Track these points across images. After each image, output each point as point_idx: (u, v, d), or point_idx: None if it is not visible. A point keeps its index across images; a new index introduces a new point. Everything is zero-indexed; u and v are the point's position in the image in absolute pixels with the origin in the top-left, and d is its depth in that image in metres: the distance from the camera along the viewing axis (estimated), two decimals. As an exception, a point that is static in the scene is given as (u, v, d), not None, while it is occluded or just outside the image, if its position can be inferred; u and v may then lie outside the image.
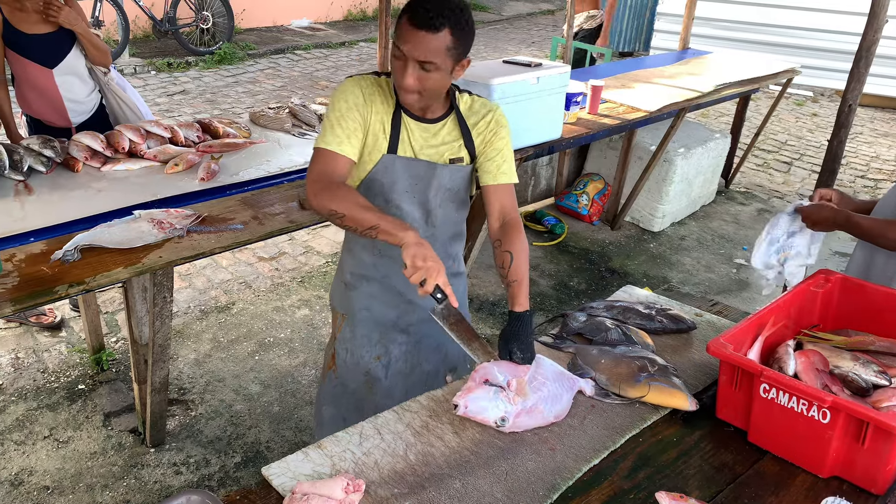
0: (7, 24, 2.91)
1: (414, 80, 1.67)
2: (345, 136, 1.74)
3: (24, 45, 2.95)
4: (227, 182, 2.70)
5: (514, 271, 1.78)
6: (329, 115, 1.76)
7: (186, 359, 3.38)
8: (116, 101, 3.24)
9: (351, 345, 2.04)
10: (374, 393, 2.05)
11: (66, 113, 3.14)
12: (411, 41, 1.63)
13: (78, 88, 3.14)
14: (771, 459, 1.53)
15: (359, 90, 1.77)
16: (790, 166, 6.52)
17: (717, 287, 4.35)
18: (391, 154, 1.80)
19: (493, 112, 1.88)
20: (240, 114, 6.79)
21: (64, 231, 2.29)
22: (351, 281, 2.01)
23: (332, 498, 1.32)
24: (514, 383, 1.60)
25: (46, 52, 3.00)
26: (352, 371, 2.06)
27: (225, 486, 2.67)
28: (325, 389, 2.13)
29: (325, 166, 1.72)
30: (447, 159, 1.84)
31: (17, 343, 3.40)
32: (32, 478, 2.65)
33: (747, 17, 8.93)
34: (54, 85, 3.06)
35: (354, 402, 2.07)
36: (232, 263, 4.24)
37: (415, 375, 2.07)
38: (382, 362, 2.04)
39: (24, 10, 2.91)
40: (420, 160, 1.83)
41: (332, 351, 2.09)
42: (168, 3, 8.51)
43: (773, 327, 1.73)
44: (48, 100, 3.09)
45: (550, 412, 1.60)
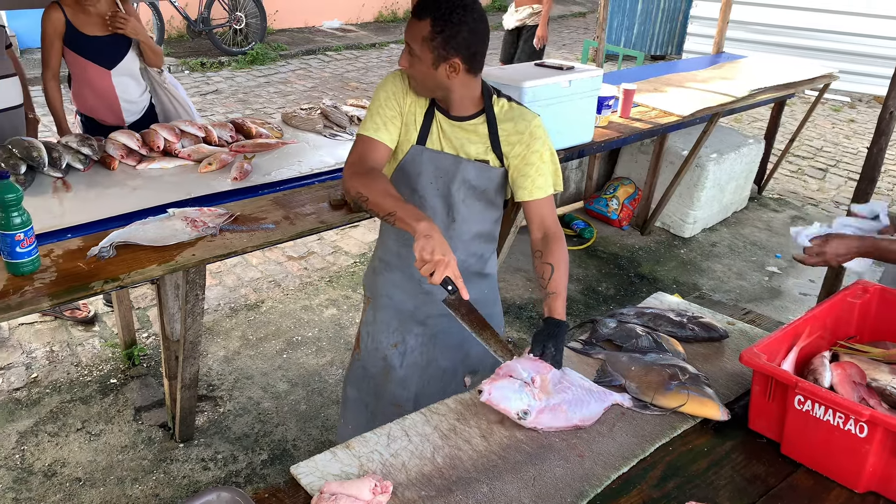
0: (69, 26, 3.03)
1: (405, 61, 1.79)
2: (382, 123, 1.84)
3: (84, 46, 3.07)
4: (259, 182, 2.73)
5: (553, 283, 1.79)
6: (371, 105, 1.88)
7: (216, 355, 3.42)
8: (169, 100, 3.36)
9: (372, 328, 2.11)
10: (389, 380, 2.09)
11: (120, 112, 3.25)
12: (408, 23, 1.77)
13: (132, 89, 3.26)
14: (805, 473, 1.50)
15: (400, 82, 1.86)
16: (825, 173, 6.40)
17: (748, 295, 4.29)
18: (419, 145, 1.87)
19: (528, 124, 1.85)
20: (271, 114, 6.86)
21: (100, 228, 2.33)
22: (378, 266, 2.09)
23: (360, 499, 1.32)
24: (538, 379, 1.60)
25: (105, 54, 3.12)
26: (372, 355, 2.12)
27: (252, 482, 2.69)
28: (351, 370, 2.21)
29: (363, 151, 1.83)
30: (472, 157, 1.87)
31: (52, 336, 3.47)
32: (65, 469, 2.70)
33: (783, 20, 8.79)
34: (111, 85, 3.17)
35: (374, 386, 2.13)
36: (262, 262, 4.29)
37: (431, 370, 2.09)
38: (399, 350, 2.08)
39: (86, 13, 3.03)
40: (446, 153, 1.88)
41: (358, 333, 2.18)
42: (202, 4, 8.64)
43: (809, 338, 1.70)
44: (104, 99, 3.20)
45: (575, 415, 1.59)
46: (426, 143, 1.87)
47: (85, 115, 3.29)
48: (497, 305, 2.16)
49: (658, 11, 10.10)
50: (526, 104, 2.96)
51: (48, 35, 3.04)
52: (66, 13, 3.02)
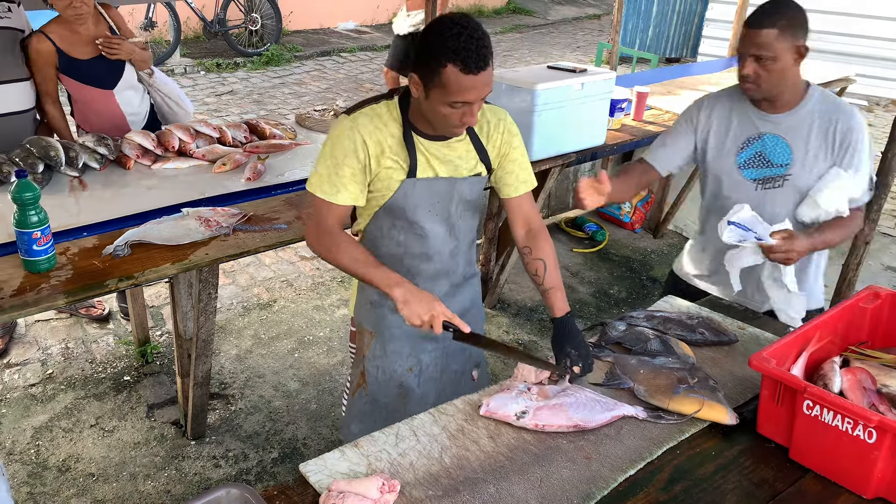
0: (62, 54, 2.89)
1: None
2: (341, 184, 1.72)
3: (81, 71, 2.94)
4: (272, 182, 2.76)
5: (549, 278, 1.81)
6: (326, 158, 1.73)
7: (228, 354, 3.45)
8: (161, 98, 3.26)
9: (382, 362, 2.00)
10: (407, 402, 2.03)
11: (127, 127, 3.13)
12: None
13: (135, 100, 3.14)
14: (813, 478, 1.50)
15: (356, 135, 1.71)
16: (841, 177, 6.34)
17: (761, 299, 4.26)
18: (411, 178, 1.76)
19: (503, 121, 1.84)
20: (286, 115, 6.91)
21: (115, 227, 2.36)
22: (377, 299, 1.96)
23: (368, 497, 1.33)
24: (535, 388, 1.65)
25: (105, 76, 2.99)
26: (384, 386, 2.02)
27: (262, 480, 2.72)
28: (355, 407, 2.08)
29: (321, 217, 1.77)
30: (465, 174, 1.83)
31: (68, 333, 3.51)
32: (79, 464, 2.74)
33: (800, 23, 8.72)
34: (116, 104, 3.06)
35: (386, 415, 2.02)
36: (274, 262, 4.32)
37: (445, 377, 2.06)
38: (414, 372, 2.02)
39: (75, 34, 2.89)
40: (441, 178, 1.79)
41: (362, 369, 2.03)
42: (218, 5, 8.71)
43: (819, 343, 1.69)
44: (110, 118, 3.09)
45: (576, 414, 1.60)
46: (417, 174, 1.76)
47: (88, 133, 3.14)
48: (479, 301, 2.14)
49: (673, 14, 10.06)
50: (538, 107, 2.98)
51: (39, 67, 2.90)
52: (55, 41, 2.85)
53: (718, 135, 2.16)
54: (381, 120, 1.74)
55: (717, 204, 2.20)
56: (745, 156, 2.12)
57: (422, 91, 1.64)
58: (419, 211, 1.81)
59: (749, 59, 1.96)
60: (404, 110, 1.75)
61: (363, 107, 1.76)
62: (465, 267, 2.00)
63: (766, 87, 2.00)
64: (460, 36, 1.55)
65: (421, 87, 1.64)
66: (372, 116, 1.74)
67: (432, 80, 1.60)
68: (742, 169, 2.13)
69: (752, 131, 2.11)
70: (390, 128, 1.74)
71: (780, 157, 2.08)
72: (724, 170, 2.16)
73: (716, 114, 2.17)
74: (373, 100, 1.79)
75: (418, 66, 1.62)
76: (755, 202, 2.05)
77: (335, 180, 1.73)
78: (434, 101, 1.63)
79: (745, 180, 2.13)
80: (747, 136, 2.12)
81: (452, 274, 1.96)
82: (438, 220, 1.85)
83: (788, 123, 2.07)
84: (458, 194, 1.83)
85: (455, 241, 1.92)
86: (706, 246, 2.32)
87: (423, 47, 1.61)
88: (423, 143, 1.77)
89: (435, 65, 1.57)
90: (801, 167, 2.07)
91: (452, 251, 1.92)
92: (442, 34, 1.57)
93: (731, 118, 2.14)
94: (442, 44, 1.56)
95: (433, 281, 1.93)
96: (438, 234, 1.87)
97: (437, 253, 1.89)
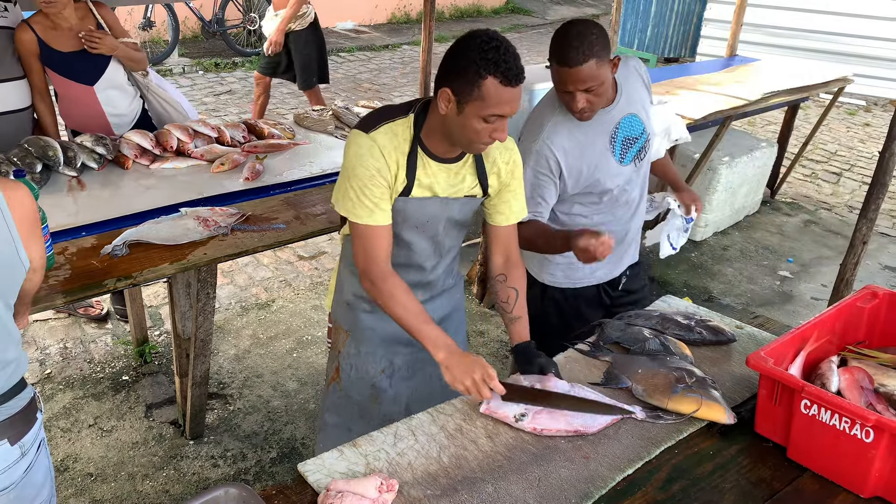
0: (42, 44, 2.86)
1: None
2: (373, 205, 1.70)
3: (62, 64, 2.92)
4: (270, 182, 2.76)
5: (518, 307, 1.85)
6: (351, 181, 1.70)
7: (226, 354, 3.45)
8: (159, 102, 3.22)
9: (356, 360, 2.02)
10: (379, 403, 2.04)
11: (109, 127, 3.11)
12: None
13: (120, 101, 3.10)
14: (811, 477, 1.50)
15: (378, 153, 1.68)
16: (839, 177, 6.36)
17: (759, 299, 4.27)
18: (402, 197, 1.75)
19: (510, 151, 1.84)
20: (284, 114, 6.90)
21: (113, 226, 2.36)
22: (354, 302, 1.97)
23: (366, 497, 1.34)
24: (538, 386, 1.66)
25: (85, 70, 2.96)
26: (356, 384, 2.04)
27: (260, 480, 2.72)
28: (329, 399, 2.11)
29: (368, 245, 1.73)
30: (462, 195, 1.82)
31: (66, 333, 3.51)
32: (77, 464, 2.74)
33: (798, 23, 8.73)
34: (96, 101, 3.03)
35: (359, 411, 2.06)
36: (273, 262, 4.31)
37: (417, 378, 2.06)
38: (387, 374, 2.03)
39: (57, 28, 2.86)
40: (433, 198, 1.78)
41: (336, 364, 2.06)
42: (217, 5, 8.70)
43: (817, 342, 1.70)
44: (92, 115, 3.07)
45: (575, 420, 1.60)
46: (412, 193, 1.75)
47: (74, 131, 3.15)
48: (461, 307, 2.14)
49: (672, 14, 10.06)
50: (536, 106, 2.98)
51: (24, 57, 2.88)
52: (37, 31, 2.84)
53: (576, 157, 2.09)
54: (397, 139, 1.72)
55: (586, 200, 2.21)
56: (618, 149, 2.13)
57: (454, 106, 1.61)
58: (406, 227, 1.81)
59: (579, 94, 1.93)
60: (417, 126, 1.73)
61: (380, 123, 1.72)
62: (446, 279, 2.01)
63: (599, 106, 2.02)
64: (499, 49, 1.56)
65: (454, 101, 1.60)
66: (391, 136, 1.71)
67: (470, 94, 1.57)
68: (621, 161, 2.14)
69: (609, 128, 2.11)
70: (402, 146, 1.72)
71: (636, 129, 2.15)
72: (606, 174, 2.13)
73: (562, 147, 2.07)
74: (388, 115, 1.74)
75: (452, 79, 1.59)
76: (629, 176, 2.17)
77: (367, 202, 1.69)
78: (468, 115, 1.60)
79: (623, 167, 2.15)
80: (609, 136, 2.11)
81: (432, 286, 1.97)
82: (425, 236, 1.85)
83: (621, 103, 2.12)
84: (448, 214, 1.83)
85: (439, 256, 1.92)
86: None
87: (461, 60, 1.58)
88: (430, 164, 1.74)
89: (474, 77, 1.56)
90: (647, 119, 2.19)
91: (435, 266, 1.93)
92: (481, 48, 1.56)
93: (578, 139, 2.08)
94: (483, 56, 1.55)
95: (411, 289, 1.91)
96: (423, 248, 1.88)
97: (419, 265, 1.90)
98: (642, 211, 2.33)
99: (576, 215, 2.21)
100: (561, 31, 1.93)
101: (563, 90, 1.97)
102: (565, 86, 1.95)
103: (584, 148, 2.08)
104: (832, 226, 5.37)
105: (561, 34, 1.92)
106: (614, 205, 2.20)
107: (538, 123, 2.08)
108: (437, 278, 1.96)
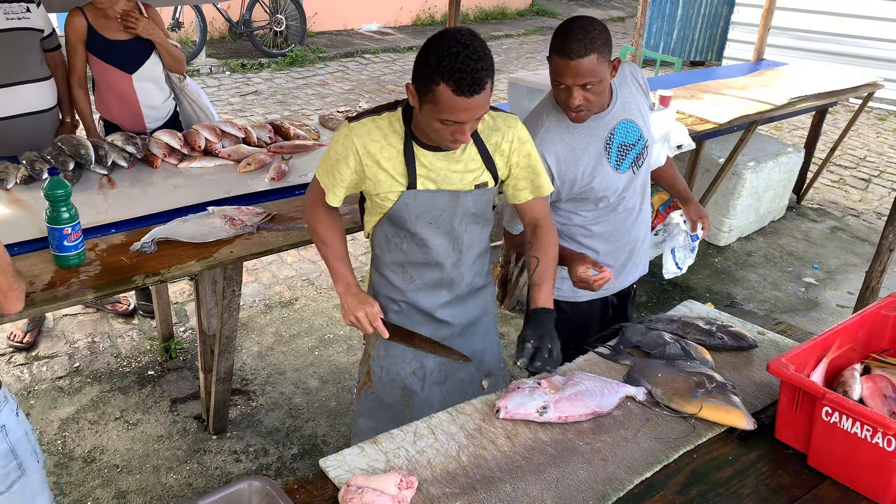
0: (91, 30, 3.04)
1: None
2: (331, 183, 1.83)
3: (105, 50, 3.07)
4: (295, 182, 2.79)
5: (537, 274, 1.84)
6: (327, 156, 1.83)
7: (250, 351, 3.49)
8: (191, 106, 3.34)
9: (386, 362, 2.05)
10: (411, 406, 2.06)
11: (142, 118, 3.22)
12: None
13: (155, 94, 3.23)
14: (831, 485, 1.49)
15: (350, 142, 1.75)
16: (868, 183, 6.27)
17: (783, 305, 4.23)
18: (411, 190, 1.77)
19: (513, 129, 1.83)
20: (309, 115, 6.97)
21: (142, 224, 2.41)
22: (382, 303, 1.98)
23: (386, 493, 1.36)
24: (545, 382, 1.67)
25: (126, 58, 3.10)
26: (387, 387, 2.07)
27: (281, 475, 2.75)
28: (362, 404, 2.14)
29: (317, 199, 1.90)
30: (472, 185, 1.82)
31: (94, 328, 3.58)
32: (104, 456, 2.80)
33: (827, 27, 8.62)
34: (133, 90, 3.15)
35: (391, 415, 2.07)
36: (296, 260, 4.36)
37: (449, 383, 2.08)
38: (418, 376, 2.04)
39: (107, 17, 3.03)
40: (443, 191, 1.79)
41: (367, 368, 2.09)
42: (244, 6, 8.81)
43: (839, 350, 1.69)
44: (126, 105, 3.19)
45: (592, 401, 1.64)
46: (417, 186, 1.77)
47: (107, 120, 3.27)
48: (491, 311, 2.14)
49: (698, 17, 9.99)
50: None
51: (71, 41, 3.06)
52: (88, 17, 3.03)
53: (569, 163, 2.08)
54: (380, 132, 1.75)
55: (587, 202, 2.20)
56: (614, 156, 2.11)
57: (416, 102, 1.65)
58: (420, 222, 1.83)
59: (576, 90, 1.91)
60: (408, 121, 1.75)
61: (363, 116, 1.78)
62: (473, 278, 1.99)
63: (595, 108, 2.00)
64: (458, 56, 1.53)
65: (416, 97, 1.64)
66: (371, 128, 1.76)
67: (425, 96, 1.60)
68: (617, 168, 2.12)
69: (604, 134, 2.09)
70: (390, 139, 1.76)
71: (633, 135, 2.12)
72: (601, 181, 2.11)
73: (555, 153, 2.07)
74: (375, 110, 1.80)
75: (414, 76, 1.62)
76: (626, 183, 2.15)
77: (329, 178, 1.84)
78: (426, 114, 1.63)
79: (621, 174, 2.13)
80: (604, 142, 2.09)
81: (456, 285, 1.97)
82: (440, 232, 1.86)
83: (616, 108, 2.10)
84: (462, 208, 1.83)
85: (458, 253, 1.91)
86: None
87: (421, 60, 1.59)
88: (425, 155, 1.77)
89: (428, 81, 1.57)
90: (645, 125, 2.16)
91: (456, 263, 1.93)
92: (440, 50, 1.55)
93: (571, 145, 2.07)
94: (438, 61, 1.54)
95: (433, 289, 1.95)
96: (441, 245, 1.88)
97: (439, 263, 1.91)
98: (645, 219, 2.31)
99: (576, 226, 2.20)
100: (564, 25, 1.92)
101: (560, 85, 1.94)
102: (563, 79, 1.91)
103: (577, 154, 2.06)
104: (860, 232, 5.30)
105: (564, 27, 1.91)
106: (612, 212, 2.18)
107: (531, 128, 2.05)
108: (461, 277, 1.96)
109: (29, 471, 1.63)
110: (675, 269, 2.48)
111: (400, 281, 1.96)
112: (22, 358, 3.31)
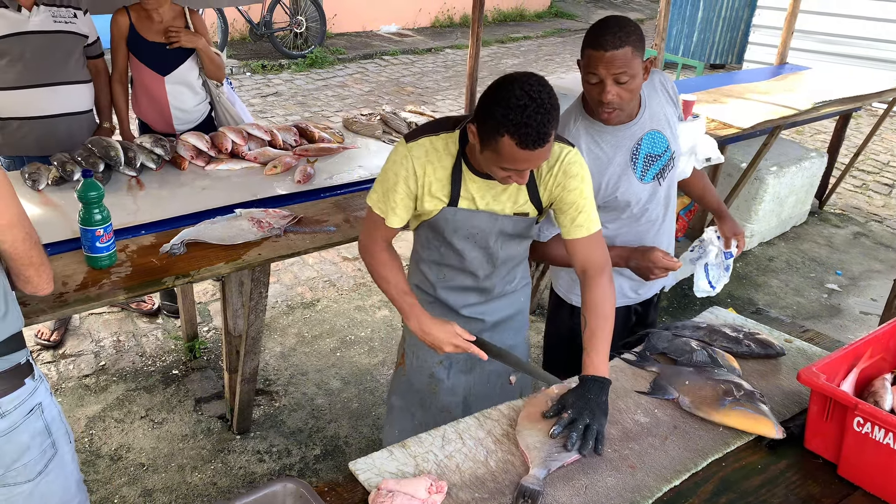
0: (133, 30, 3.12)
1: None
2: (391, 207, 1.79)
3: (143, 50, 3.15)
4: (321, 185, 2.82)
5: (585, 337, 1.73)
6: (382, 182, 1.81)
7: (272, 351, 3.52)
8: (224, 114, 3.40)
9: (417, 349, 2.11)
10: (437, 392, 2.13)
11: (171, 119, 3.28)
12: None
13: (187, 98, 3.28)
14: (862, 496, 1.49)
15: (409, 163, 1.74)
16: (892, 189, 6.20)
17: (805, 312, 4.19)
18: (451, 207, 1.79)
19: (560, 162, 1.76)
20: (329, 116, 7.01)
21: (171, 226, 2.44)
22: (416, 293, 1.99)
23: (416, 497, 1.37)
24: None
25: (161, 61, 3.17)
26: (417, 372, 2.14)
27: (304, 476, 2.78)
28: (396, 381, 2.23)
29: (374, 230, 1.87)
30: (511, 213, 1.82)
31: (119, 327, 3.63)
32: (130, 454, 2.83)
33: (851, 30, 8.53)
34: (164, 92, 3.21)
35: (419, 399, 2.16)
36: (318, 262, 4.39)
37: (475, 373, 2.12)
38: (445, 365, 2.10)
39: (150, 19, 3.11)
40: (481, 212, 1.80)
41: (403, 351, 2.18)
42: (265, 8, 8.87)
43: (870, 359, 1.68)
44: (157, 105, 3.25)
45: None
46: (458, 204, 1.79)
47: (141, 122, 3.37)
48: (526, 309, 2.16)
49: (719, 20, 9.93)
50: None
51: (114, 38, 3.14)
52: (132, 17, 3.12)
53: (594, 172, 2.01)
54: (436, 153, 1.75)
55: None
56: (640, 166, 2.08)
57: (477, 143, 1.63)
58: (457, 236, 1.86)
59: (610, 83, 1.85)
60: (463, 141, 1.74)
61: (421, 135, 1.77)
62: (504, 286, 2.02)
63: (627, 108, 1.96)
64: (525, 110, 1.49)
65: (478, 140, 1.62)
66: (428, 149, 1.75)
67: (488, 143, 1.57)
68: (642, 179, 2.09)
69: (631, 144, 2.05)
70: (444, 161, 1.75)
71: (660, 146, 2.10)
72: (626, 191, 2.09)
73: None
74: (432, 129, 1.78)
75: (479, 120, 1.58)
76: (650, 194, 2.12)
77: (388, 202, 1.80)
78: (487, 158, 1.62)
79: (645, 185, 2.10)
80: (630, 152, 2.06)
81: (487, 291, 2.01)
82: (476, 246, 1.88)
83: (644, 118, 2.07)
84: (500, 229, 1.84)
85: (492, 266, 1.94)
86: None
87: (486, 107, 1.55)
88: (474, 181, 1.77)
89: (492, 130, 1.54)
90: (673, 136, 2.13)
91: (489, 275, 1.96)
92: (507, 102, 1.50)
93: (596, 154, 2.03)
94: (504, 114, 1.50)
95: (463, 291, 1.99)
96: (476, 258, 1.91)
97: (472, 272, 1.94)
98: (669, 230, 2.27)
99: None
100: (598, 22, 1.90)
101: (593, 79, 1.88)
102: (597, 69, 1.84)
103: (603, 163, 2.04)
104: (883, 238, 5.24)
105: (598, 23, 1.89)
106: (635, 223, 2.16)
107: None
108: (492, 286, 1.99)
109: (62, 451, 1.68)
110: (708, 289, 2.36)
111: (434, 277, 2.01)
112: (49, 356, 3.36)
